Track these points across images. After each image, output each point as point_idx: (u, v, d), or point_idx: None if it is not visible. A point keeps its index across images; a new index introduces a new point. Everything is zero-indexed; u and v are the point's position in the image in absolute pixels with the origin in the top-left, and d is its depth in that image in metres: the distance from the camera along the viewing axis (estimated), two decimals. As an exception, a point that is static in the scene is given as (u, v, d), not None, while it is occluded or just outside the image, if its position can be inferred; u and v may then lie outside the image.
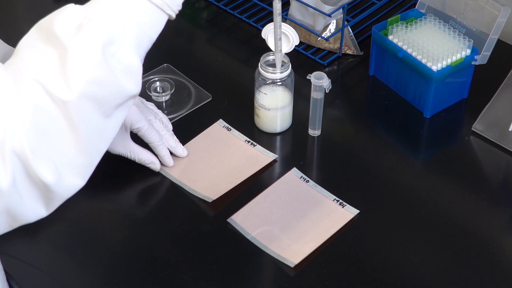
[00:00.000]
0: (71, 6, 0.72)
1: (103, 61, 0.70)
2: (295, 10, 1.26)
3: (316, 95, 1.05)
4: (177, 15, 0.78)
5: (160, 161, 1.04)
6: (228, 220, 0.97)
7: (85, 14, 0.71)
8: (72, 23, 0.71)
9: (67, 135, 0.70)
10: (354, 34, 1.26)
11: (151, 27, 0.75)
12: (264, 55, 1.06)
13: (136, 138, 1.02)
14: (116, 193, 1.03)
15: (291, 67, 1.06)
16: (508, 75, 1.11)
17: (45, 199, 0.72)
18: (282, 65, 1.05)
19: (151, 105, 1.07)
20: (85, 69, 0.69)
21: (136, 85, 0.74)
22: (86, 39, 0.70)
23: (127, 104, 0.75)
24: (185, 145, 1.07)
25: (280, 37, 1.01)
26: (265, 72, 1.05)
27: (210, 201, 1.00)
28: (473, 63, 1.12)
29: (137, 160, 1.03)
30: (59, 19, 0.71)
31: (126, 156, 1.03)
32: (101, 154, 0.75)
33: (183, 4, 0.78)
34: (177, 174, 1.04)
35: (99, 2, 0.73)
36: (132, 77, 0.73)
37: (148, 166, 1.04)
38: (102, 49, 0.70)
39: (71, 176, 0.72)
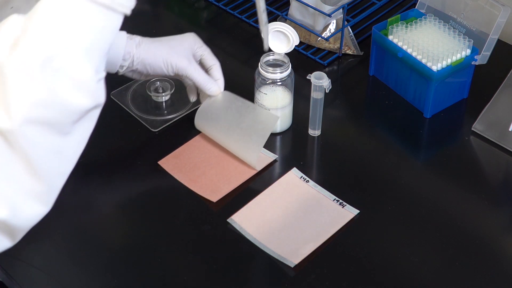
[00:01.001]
0: (12, 18, 0.67)
1: (44, 80, 0.64)
2: (295, 10, 1.26)
3: (316, 95, 1.05)
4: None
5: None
6: (228, 220, 0.97)
7: (22, 26, 0.65)
8: (8, 39, 0.65)
9: (16, 165, 0.65)
10: (354, 34, 1.26)
11: (102, 31, 0.69)
12: (264, 55, 1.06)
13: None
14: (116, 193, 1.03)
15: (291, 67, 1.06)
16: (508, 75, 1.11)
17: (5, 232, 0.69)
18: (282, 65, 1.05)
19: None
20: (25, 92, 0.64)
21: (88, 97, 0.68)
22: (23, 58, 0.64)
23: (91, 115, 0.70)
24: (182, 147, 1.07)
25: (266, 22, 0.99)
26: (265, 72, 1.05)
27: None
28: (473, 63, 1.12)
29: (193, 78, 1.02)
30: None
31: (183, 73, 1.01)
32: (66, 176, 0.71)
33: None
34: (177, 175, 1.04)
35: (40, 11, 0.66)
36: (82, 91, 0.67)
37: (204, 88, 1.03)
38: (41, 68, 0.64)
39: (30, 205, 0.68)
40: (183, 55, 1.01)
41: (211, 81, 1.03)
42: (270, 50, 1.04)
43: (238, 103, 1.05)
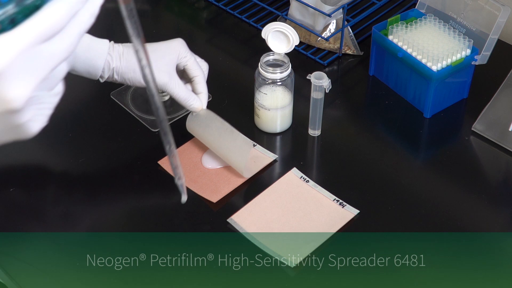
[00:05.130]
0: None
1: None
2: (295, 10, 1.26)
3: (316, 95, 1.05)
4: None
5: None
6: (228, 220, 0.97)
7: None
8: None
9: None
10: (354, 34, 1.26)
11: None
12: (264, 55, 1.06)
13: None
14: (116, 193, 1.03)
15: (291, 67, 1.06)
16: (508, 75, 1.11)
17: None
18: (281, 65, 1.05)
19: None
20: None
21: None
22: None
23: None
24: (182, 147, 1.08)
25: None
26: (265, 72, 1.05)
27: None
28: (473, 63, 1.12)
29: (174, 94, 1.00)
30: None
31: (164, 90, 1.00)
32: None
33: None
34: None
35: None
36: None
37: (185, 104, 1.02)
38: None
39: None
40: (164, 70, 0.99)
41: (192, 97, 1.02)
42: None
43: (217, 123, 1.03)
